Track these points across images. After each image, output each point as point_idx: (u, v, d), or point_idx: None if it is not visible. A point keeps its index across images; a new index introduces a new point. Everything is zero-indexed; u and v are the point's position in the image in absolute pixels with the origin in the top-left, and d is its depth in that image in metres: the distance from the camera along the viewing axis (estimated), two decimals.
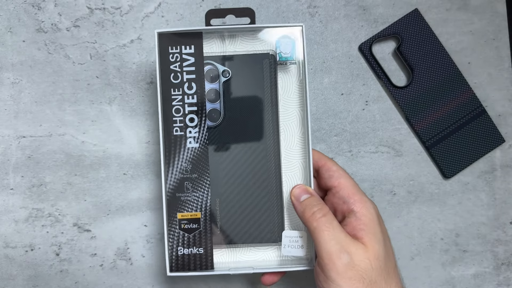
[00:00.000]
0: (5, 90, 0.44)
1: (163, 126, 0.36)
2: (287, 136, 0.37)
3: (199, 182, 0.36)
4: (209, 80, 0.37)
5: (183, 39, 0.36)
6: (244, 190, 0.37)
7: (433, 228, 0.45)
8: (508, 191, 0.45)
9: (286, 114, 0.37)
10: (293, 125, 0.37)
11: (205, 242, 0.36)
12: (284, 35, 0.36)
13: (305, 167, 0.37)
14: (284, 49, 0.36)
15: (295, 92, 0.37)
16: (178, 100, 0.36)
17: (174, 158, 0.36)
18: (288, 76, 0.37)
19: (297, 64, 0.37)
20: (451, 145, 0.44)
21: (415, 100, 0.44)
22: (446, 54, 0.44)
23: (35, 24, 0.45)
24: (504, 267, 0.45)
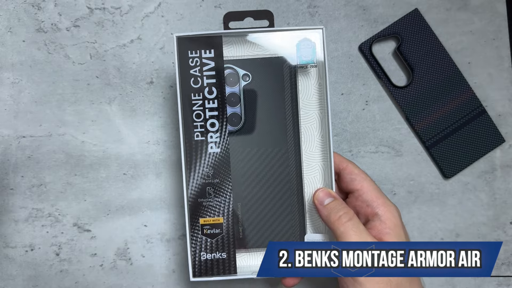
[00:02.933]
0: (5, 90, 0.44)
1: (184, 132, 0.36)
2: (307, 139, 0.37)
3: (221, 187, 0.36)
4: (229, 84, 0.36)
5: (203, 43, 0.36)
6: (266, 194, 0.37)
7: (433, 228, 0.45)
8: (508, 191, 0.45)
9: (306, 117, 0.37)
10: (312, 128, 0.37)
11: (228, 246, 0.36)
12: (304, 38, 0.36)
13: (325, 169, 0.37)
14: (304, 52, 0.36)
15: (314, 95, 0.37)
16: (198, 105, 0.36)
17: (195, 163, 0.36)
18: (308, 79, 0.37)
19: (318, 67, 0.37)
20: (451, 145, 0.44)
21: (415, 100, 0.44)
22: (446, 54, 0.44)
23: (35, 24, 0.45)
24: (504, 267, 0.45)
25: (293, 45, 0.36)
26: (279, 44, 0.36)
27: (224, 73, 0.36)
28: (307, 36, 0.36)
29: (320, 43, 0.36)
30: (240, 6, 0.45)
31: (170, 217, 0.44)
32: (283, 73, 0.36)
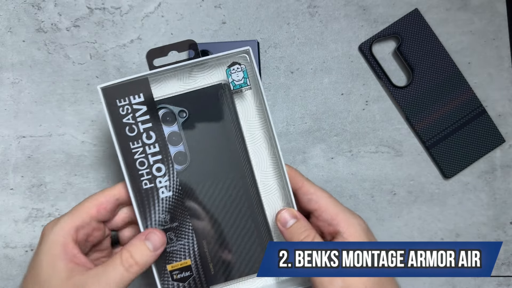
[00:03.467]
0: (5, 90, 0.44)
1: (131, 183, 0.34)
2: (258, 161, 0.36)
3: (182, 230, 0.35)
4: (167, 124, 0.35)
5: (130, 89, 0.34)
6: (229, 224, 0.36)
7: (433, 228, 0.45)
8: (508, 191, 0.45)
9: (252, 139, 0.36)
10: (261, 148, 0.36)
11: (201, 286, 0.35)
12: (233, 62, 0.35)
13: (283, 186, 0.36)
14: (236, 77, 0.35)
15: (255, 116, 0.36)
16: (140, 153, 0.34)
17: (149, 212, 0.34)
18: (245, 102, 0.36)
19: (253, 89, 0.36)
20: (451, 145, 0.44)
21: (415, 100, 0.44)
22: (446, 54, 0.44)
23: (35, 24, 0.45)
24: (504, 267, 0.45)
25: (223, 71, 0.35)
26: (209, 73, 0.36)
27: (159, 115, 0.35)
28: (236, 59, 0.35)
29: (250, 64, 0.35)
30: (240, 6, 0.45)
31: None
32: (219, 101, 0.35)
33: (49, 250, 0.31)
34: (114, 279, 0.30)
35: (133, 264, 0.31)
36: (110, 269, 0.31)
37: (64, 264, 0.31)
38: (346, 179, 0.45)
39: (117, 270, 0.31)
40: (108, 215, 0.34)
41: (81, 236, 0.33)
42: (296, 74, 0.45)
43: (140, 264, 0.31)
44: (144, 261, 0.32)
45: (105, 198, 0.34)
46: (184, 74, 0.35)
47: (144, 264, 0.32)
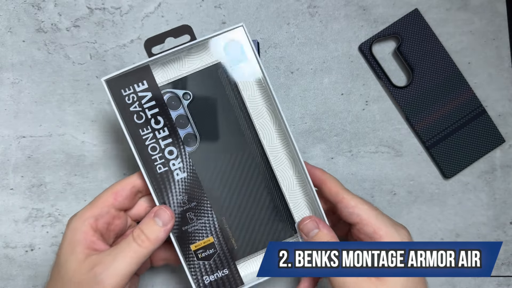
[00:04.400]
0: (5, 90, 0.44)
1: (145, 169, 0.35)
2: (265, 134, 0.37)
3: (201, 209, 0.36)
4: (173, 108, 0.36)
5: (133, 78, 0.35)
6: (245, 199, 0.36)
7: (433, 228, 0.45)
8: (508, 191, 0.45)
9: (257, 113, 0.37)
10: (267, 121, 0.37)
11: (226, 262, 0.36)
12: (229, 40, 0.36)
13: (292, 157, 0.37)
14: (233, 53, 0.36)
15: (257, 91, 0.36)
16: (150, 139, 0.35)
17: (167, 195, 0.35)
18: (246, 78, 0.36)
19: (252, 63, 0.36)
20: (451, 145, 0.44)
21: (415, 100, 0.44)
22: (446, 54, 0.44)
23: (35, 24, 0.45)
24: (504, 267, 0.45)
25: (221, 50, 0.36)
26: (208, 54, 0.36)
27: (164, 100, 0.35)
28: (232, 37, 0.36)
29: (245, 39, 0.36)
30: (240, 6, 0.45)
31: None
32: (220, 79, 0.36)
33: (69, 238, 0.33)
34: (129, 255, 0.32)
35: (145, 239, 0.32)
36: (124, 245, 0.32)
37: (81, 249, 0.32)
38: (346, 179, 0.45)
39: (131, 246, 0.32)
40: (126, 203, 0.35)
41: (101, 224, 0.34)
42: (296, 74, 0.45)
43: (151, 239, 0.33)
44: (155, 236, 0.33)
45: (121, 186, 0.35)
46: (183, 58, 0.36)
47: (155, 239, 0.33)
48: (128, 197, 0.35)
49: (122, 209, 0.35)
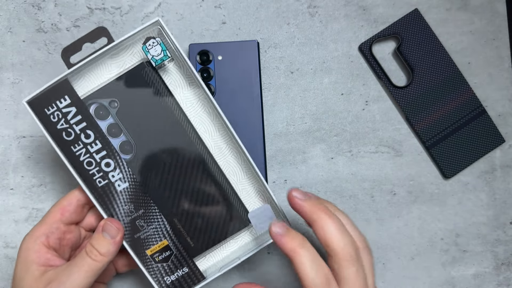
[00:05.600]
0: (5, 90, 0.44)
1: (86, 185, 0.35)
2: (203, 127, 0.36)
3: (149, 215, 0.36)
4: (101, 118, 0.35)
5: (54, 95, 0.34)
6: (194, 196, 0.36)
7: (433, 228, 0.45)
8: (508, 191, 0.45)
9: (192, 108, 0.36)
10: (203, 115, 0.36)
11: (185, 261, 0.37)
12: (147, 38, 0.34)
13: (235, 147, 0.36)
14: (154, 52, 0.34)
15: (187, 86, 0.36)
16: (84, 154, 0.34)
17: (113, 207, 0.35)
18: (173, 74, 0.36)
19: (175, 59, 0.35)
20: (451, 145, 0.44)
21: (415, 100, 0.44)
22: (446, 54, 0.44)
23: (35, 24, 0.45)
24: (504, 267, 0.45)
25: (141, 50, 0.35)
26: (129, 55, 0.35)
27: (90, 112, 0.34)
28: (149, 34, 0.34)
29: (164, 35, 0.34)
30: (240, 6, 0.45)
31: None
32: (146, 81, 0.35)
33: (23, 258, 0.34)
34: (84, 269, 0.32)
35: (97, 254, 0.33)
36: (79, 260, 0.33)
37: (36, 267, 0.33)
38: (346, 179, 0.45)
39: (85, 261, 0.33)
40: (74, 217, 0.36)
41: (53, 241, 0.35)
42: (296, 74, 0.45)
43: (103, 253, 0.33)
44: (106, 250, 0.33)
45: (67, 201, 0.35)
46: (104, 63, 0.35)
47: (107, 253, 0.33)
48: (75, 211, 0.35)
49: (71, 223, 0.36)
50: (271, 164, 0.45)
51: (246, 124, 0.43)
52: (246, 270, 0.44)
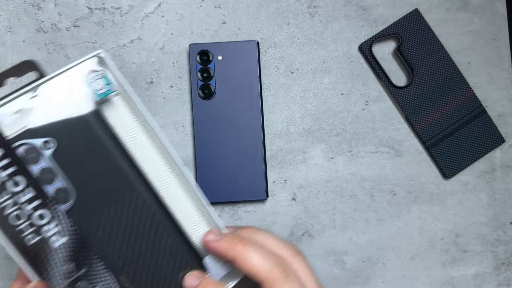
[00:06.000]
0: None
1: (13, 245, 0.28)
2: (151, 167, 0.32)
3: (93, 273, 0.30)
4: (33, 162, 0.29)
5: None
6: (144, 246, 0.31)
7: (433, 228, 0.45)
8: (508, 191, 0.45)
9: (137, 147, 0.32)
10: (149, 154, 0.32)
11: None
12: (89, 71, 0.30)
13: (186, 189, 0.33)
14: (96, 86, 0.30)
15: (134, 121, 0.32)
16: (11, 206, 0.29)
17: (47, 269, 0.29)
18: (118, 109, 0.32)
19: (121, 93, 0.31)
20: (451, 145, 0.44)
21: (415, 100, 0.44)
22: (446, 54, 0.44)
23: (35, 24, 0.45)
24: (504, 267, 0.45)
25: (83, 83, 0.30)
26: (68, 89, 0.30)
27: (17, 154, 0.29)
28: (91, 67, 0.30)
29: (109, 67, 0.31)
30: (240, 6, 0.45)
31: None
32: (86, 117, 0.30)
33: None
34: None
35: None
36: None
37: None
38: (346, 179, 0.45)
39: None
40: None
41: None
42: (296, 74, 0.45)
43: None
44: None
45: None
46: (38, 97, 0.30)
47: None
48: None
49: None
50: (271, 164, 0.45)
51: (246, 124, 0.43)
52: None
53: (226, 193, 0.43)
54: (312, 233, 0.45)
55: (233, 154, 0.43)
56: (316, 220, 0.45)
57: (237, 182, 0.43)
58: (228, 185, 0.43)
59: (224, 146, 0.43)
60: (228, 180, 0.43)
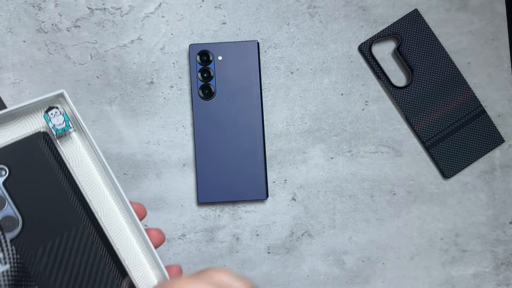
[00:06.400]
0: (6, 90, 0.45)
1: None
2: (101, 202, 0.33)
3: None
4: None
5: None
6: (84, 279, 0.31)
7: (433, 228, 0.45)
8: (507, 191, 0.45)
9: (89, 183, 0.33)
10: (99, 191, 0.33)
11: None
12: (50, 107, 0.32)
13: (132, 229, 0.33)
14: (56, 121, 0.32)
15: (87, 157, 0.33)
16: None
17: None
18: (73, 145, 0.33)
19: (78, 130, 0.33)
20: (450, 145, 0.44)
21: (414, 100, 0.44)
22: (445, 54, 0.45)
23: (36, 24, 0.45)
24: (503, 267, 0.45)
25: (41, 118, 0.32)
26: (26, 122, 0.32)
27: None
28: (52, 104, 0.32)
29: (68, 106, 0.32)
30: (240, 6, 0.45)
31: (170, 217, 0.44)
32: (42, 151, 0.31)
33: None
34: None
35: None
36: None
37: None
38: (346, 179, 0.45)
39: None
40: None
41: None
42: (296, 74, 0.45)
43: None
44: None
45: None
46: None
47: None
48: None
49: None
50: (271, 164, 0.45)
51: (246, 124, 0.43)
52: (246, 270, 0.45)
53: (226, 193, 0.43)
54: (312, 233, 0.45)
55: (233, 154, 0.43)
56: (316, 220, 0.45)
57: (237, 182, 0.43)
58: (228, 185, 0.43)
59: (224, 146, 0.43)
60: (228, 180, 0.43)
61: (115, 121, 0.45)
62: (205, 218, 0.45)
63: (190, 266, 0.44)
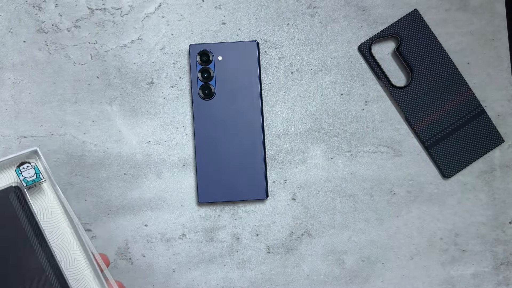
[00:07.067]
0: (6, 90, 0.45)
1: None
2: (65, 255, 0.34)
3: None
4: None
5: None
6: None
7: (433, 227, 0.45)
8: (507, 191, 0.45)
9: (56, 236, 0.34)
10: (67, 242, 0.34)
11: None
12: (22, 162, 0.34)
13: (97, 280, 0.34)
14: (27, 174, 0.33)
15: (57, 208, 0.35)
16: None
17: None
18: (43, 196, 0.35)
19: (48, 181, 0.35)
20: (450, 145, 0.44)
21: (414, 100, 0.45)
22: (445, 54, 0.45)
23: (36, 25, 0.45)
24: (503, 267, 0.45)
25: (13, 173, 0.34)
26: None
27: None
28: (25, 159, 0.34)
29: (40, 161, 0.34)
30: (240, 6, 0.45)
31: (170, 217, 0.44)
32: (12, 205, 0.33)
33: None
34: None
35: None
36: None
37: None
38: (345, 179, 0.45)
39: None
40: None
41: None
42: (296, 74, 0.45)
43: None
44: None
45: None
46: None
47: None
48: None
49: None
50: (271, 164, 0.45)
51: (246, 124, 0.43)
52: (246, 270, 0.45)
53: (226, 193, 0.43)
54: (312, 233, 0.45)
55: (233, 154, 0.43)
56: (315, 220, 0.45)
57: (237, 182, 0.43)
58: (228, 185, 0.43)
59: (224, 146, 0.43)
60: (228, 180, 0.43)
61: (115, 121, 0.45)
62: (205, 218, 0.45)
63: (190, 266, 0.44)
